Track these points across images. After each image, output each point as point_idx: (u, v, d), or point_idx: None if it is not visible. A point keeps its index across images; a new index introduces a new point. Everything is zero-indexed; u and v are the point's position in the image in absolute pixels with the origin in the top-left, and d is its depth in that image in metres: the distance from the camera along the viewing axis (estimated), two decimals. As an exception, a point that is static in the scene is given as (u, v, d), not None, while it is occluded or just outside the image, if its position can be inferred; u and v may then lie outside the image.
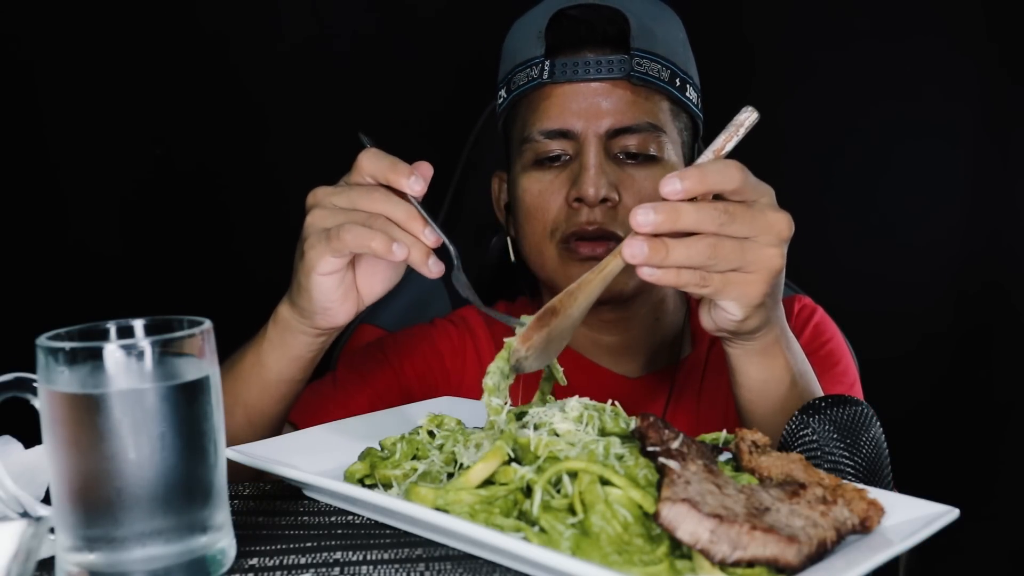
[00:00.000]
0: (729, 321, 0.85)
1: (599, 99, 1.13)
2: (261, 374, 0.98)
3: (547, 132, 1.15)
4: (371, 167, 0.87)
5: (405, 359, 1.24)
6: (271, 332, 0.97)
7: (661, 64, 1.14)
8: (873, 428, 0.81)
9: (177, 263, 1.80)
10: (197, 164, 1.80)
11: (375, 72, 1.78)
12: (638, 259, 0.77)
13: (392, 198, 0.86)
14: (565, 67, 1.14)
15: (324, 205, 0.89)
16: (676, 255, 0.77)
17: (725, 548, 0.59)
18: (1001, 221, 1.75)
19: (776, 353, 0.91)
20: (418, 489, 0.71)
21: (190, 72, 1.77)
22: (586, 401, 0.79)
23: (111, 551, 0.61)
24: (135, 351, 0.62)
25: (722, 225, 0.77)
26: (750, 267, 0.80)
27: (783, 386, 0.92)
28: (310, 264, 0.89)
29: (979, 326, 1.77)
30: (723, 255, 0.78)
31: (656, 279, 0.78)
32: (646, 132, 1.13)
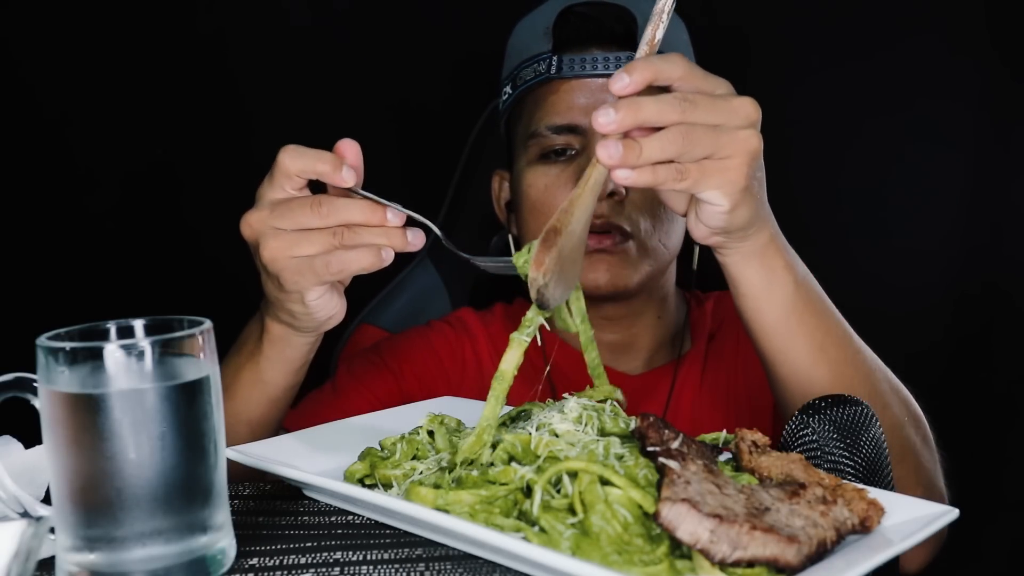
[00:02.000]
0: (718, 215, 0.81)
1: (606, 94, 1.13)
2: (264, 391, 0.97)
3: (554, 127, 1.15)
4: (296, 166, 0.83)
5: (404, 363, 1.24)
6: (268, 351, 0.95)
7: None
8: (873, 428, 0.81)
9: (177, 263, 1.80)
10: (197, 164, 1.80)
11: (375, 72, 1.78)
12: (614, 159, 0.73)
13: (336, 202, 0.82)
14: (573, 63, 1.14)
15: (272, 233, 0.83)
16: (649, 151, 0.74)
17: (725, 548, 0.59)
18: (1002, 222, 1.75)
19: (773, 254, 0.88)
20: (418, 489, 0.71)
21: (190, 73, 1.77)
22: (585, 401, 0.79)
23: (111, 551, 0.61)
24: (135, 351, 0.62)
25: (685, 112, 0.75)
26: (725, 150, 0.77)
27: (787, 289, 0.88)
28: (297, 295, 0.86)
29: (980, 327, 1.76)
30: (695, 141, 0.75)
31: (633, 180, 0.75)
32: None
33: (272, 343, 0.94)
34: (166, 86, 1.77)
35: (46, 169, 1.79)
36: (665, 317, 1.27)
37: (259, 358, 0.95)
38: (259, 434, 0.98)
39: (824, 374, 0.91)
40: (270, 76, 1.78)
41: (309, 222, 0.82)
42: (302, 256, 0.83)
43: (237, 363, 0.98)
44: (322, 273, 0.83)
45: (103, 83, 1.76)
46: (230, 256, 1.83)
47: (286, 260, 0.83)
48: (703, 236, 0.86)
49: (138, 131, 1.78)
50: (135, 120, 1.78)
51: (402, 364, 1.24)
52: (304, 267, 0.83)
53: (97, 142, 1.78)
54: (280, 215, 0.83)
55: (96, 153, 1.78)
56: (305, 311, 0.88)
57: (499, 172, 1.33)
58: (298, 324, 0.91)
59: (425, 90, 1.79)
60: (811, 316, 0.90)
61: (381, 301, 1.48)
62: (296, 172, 0.83)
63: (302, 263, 0.83)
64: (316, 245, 0.82)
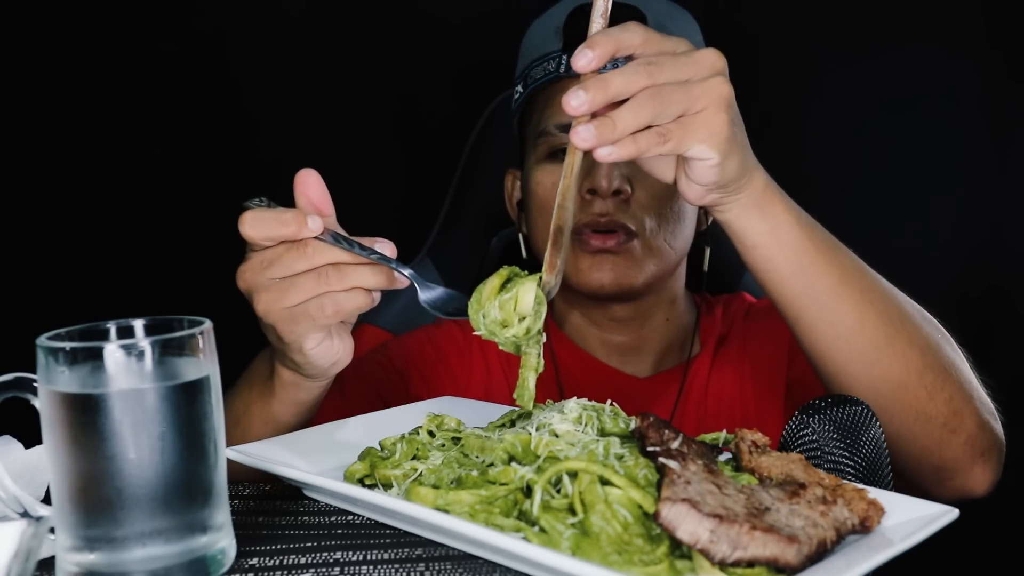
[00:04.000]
0: (709, 169, 0.80)
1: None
2: (276, 428, 0.95)
3: (562, 125, 1.15)
4: (259, 235, 0.81)
5: (411, 364, 1.24)
6: (280, 393, 0.93)
7: None
8: (873, 428, 0.81)
9: (177, 263, 1.80)
10: (197, 164, 1.80)
11: (376, 71, 1.78)
12: (589, 142, 0.73)
13: (321, 247, 0.81)
14: None
15: (263, 286, 0.82)
16: (623, 121, 0.73)
17: (725, 548, 0.59)
18: (1002, 223, 1.75)
19: (772, 199, 0.86)
20: (418, 489, 0.71)
21: (191, 73, 1.77)
22: (584, 402, 0.79)
23: (111, 551, 0.61)
24: (135, 351, 0.62)
25: (652, 75, 0.74)
26: (699, 103, 0.76)
27: (793, 231, 0.87)
28: (297, 344, 0.84)
29: (981, 328, 1.76)
30: (667, 99, 0.74)
31: (616, 156, 0.74)
32: None
33: (283, 387, 0.93)
34: (167, 87, 1.77)
35: (46, 170, 1.80)
36: (673, 319, 1.27)
37: (270, 399, 0.95)
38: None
39: (850, 310, 0.89)
40: (271, 76, 1.78)
41: (297, 265, 0.81)
42: (293, 305, 0.82)
43: (247, 398, 0.98)
44: (318, 318, 0.82)
45: (103, 83, 1.76)
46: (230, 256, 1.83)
47: (279, 312, 0.82)
48: (698, 196, 0.84)
49: (138, 131, 1.78)
50: (135, 120, 1.78)
51: (408, 365, 1.23)
52: (298, 316, 0.82)
53: (97, 142, 1.78)
54: (268, 264, 0.82)
55: (96, 153, 1.78)
56: (306, 360, 0.86)
57: (512, 171, 1.33)
58: (304, 372, 0.90)
59: (426, 89, 1.79)
60: (822, 253, 0.88)
61: (382, 302, 1.48)
62: (261, 240, 0.82)
63: (295, 312, 0.82)
64: (305, 292, 0.81)
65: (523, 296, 0.79)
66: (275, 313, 0.83)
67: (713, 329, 1.28)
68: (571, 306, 1.27)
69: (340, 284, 0.81)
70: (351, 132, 1.78)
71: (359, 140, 1.77)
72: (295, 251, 0.81)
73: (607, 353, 1.26)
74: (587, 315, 1.26)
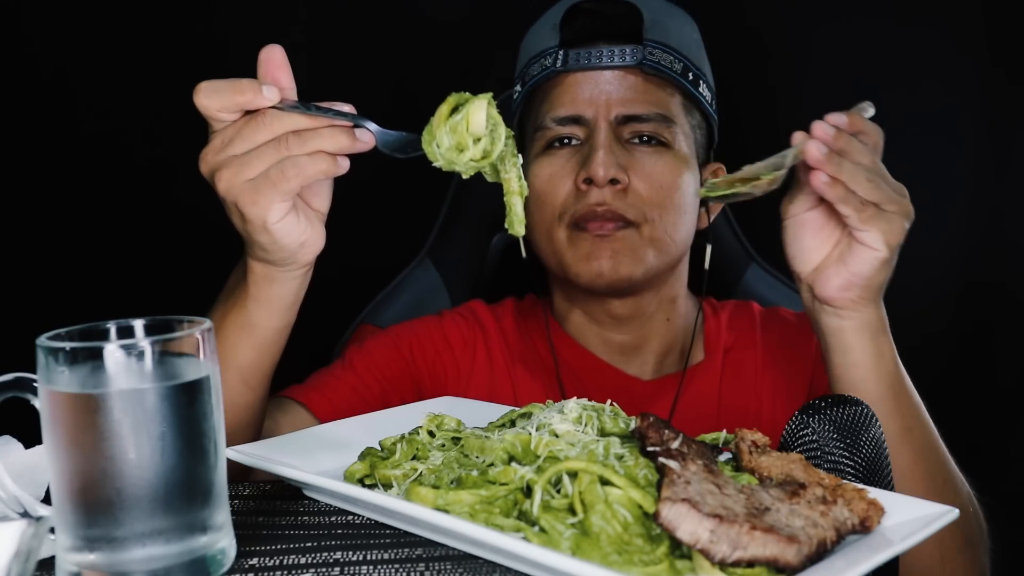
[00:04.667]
0: (872, 260, 0.88)
1: (611, 86, 1.15)
2: (253, 334, 0.93)
3: (559, 119, 1.16)
4: (215, 105, 0.81)
5: (416, 348, 1.23)
6: (254, 291, 0.91)
7: (674, 56, 1.15)
8: (873, 428, 0.81)
9: (177, 263, 1.80)
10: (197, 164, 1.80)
11: (375, 72, 1.78)
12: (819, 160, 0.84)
13: (280, 114, 0.80)
14: (579, 56, 1.15)
15: (226, 163, 0.81)
16: (847, 168, 0.84)
17: (725, 548, 0.59)
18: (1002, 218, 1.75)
19: (883, 331, 0.94)
20: (418, 489, 0.71)
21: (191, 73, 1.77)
22: (584, 402, 0.79)
23: (111, 551, 0.61)
24: (135, 351, 0.62)
25: (874, 162, 0.87)
26: (892, 206, 0.87)
27: (891, 367, 0.94)
28: (260, 219, 0.83)
29: (980, 324, 1.76)
30: (877, 185, 0.85)
31: (825, 191, 0.85)
32: (656, 121, 1.14)
33: (256, 282, 0.91)
34: (166, 86, 1.77)
35: (46, 169, 1.79)
36: (675, 320, 1.26)
37: (246, 300, 0.92)
38: (251, 382, 0.95)
39: (908, 456, 0.93)
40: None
41: (257, 136, 0.80)
42: (254, 176, 0.81)
43: (224, 309, 0.95)
44: (279, 183, 0.80)
45: (103, 83, 1.76)
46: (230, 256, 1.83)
47: (240, 186, 0.81)
48: (838, 287, 0.90)
49: (138, 130, 1.78)
50: (136, 120, 1.78)
51: (413, 349, 1.23)
52: (260, 185, 0.81)
53: (97, 141, 1.78)
54: (228, 141, 0.81)
55: (96, 152, 1.78)
56: (271, 239, 0.85)
57: None
58: (273, 257, 0.88)
59: (426, 89, 1.79)
60: (904, 397, 0.94)
61: (381, 301, 1.48)
62: (217, 110, 0.81)
63: (257, 183, 0.81)
64: (265, 160, 0.80)
65: (474, 115, 0.79)
66: (236, 188, 0.81)
67: (719, 337, 1.26)
68: (572, 303, 1.27)
69: (301, 148, 0.80)
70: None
71: (359, 140, 1.77)
72: (253, 122, 0.80)
73: (608, 352, 1.25)
74: (588, 312, 1.25)
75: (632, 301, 1.22)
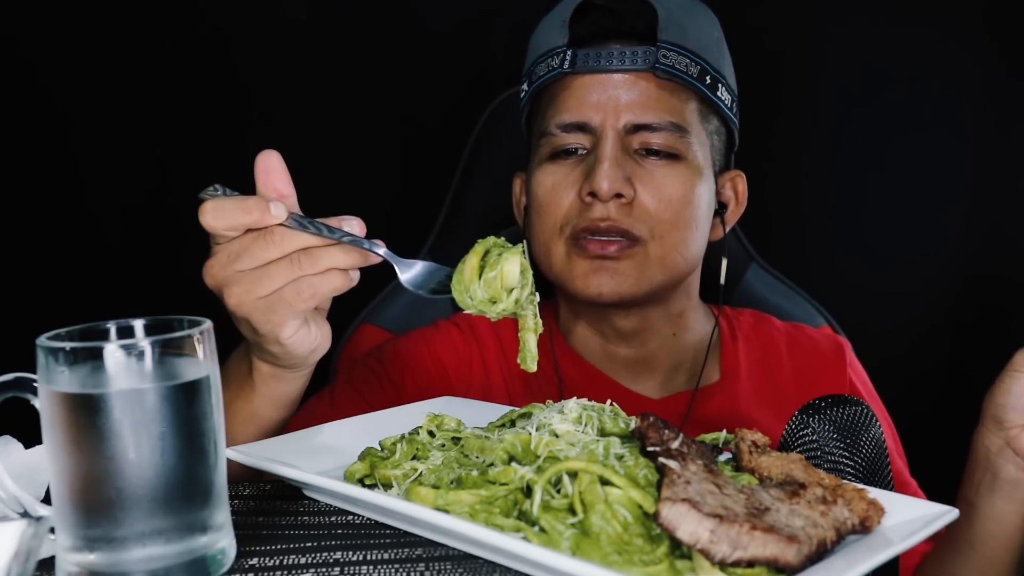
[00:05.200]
0: None
1: (620, 92, 1.08)
2: (259, 424, 0.94)
3: (564, 125, 1.10)
4: (222, 225, 0.78)
5: (406, 372, 1.18)
6: (261, 388, 0.91)
7: (690, 59, 1.08)
8: (873, 428, 0.81)
9: (177, 263, 1.80)
10: (197, 164, 1.80)
11: (375, 72, 1.78)
12: None
13: (289, 233, 0.79)
14: (587, 57, 1.09)
15: (235, 279, 0.80)
16: None
17: (725, 548, 0.59)
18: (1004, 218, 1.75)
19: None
20: (418, 489, 0.71)
21: (190, 73, 1.77)
22: (584, 402, 0.79)
23: (111, 551, 0.61)
24: (135, 351, 0.62)
25: None
26: None
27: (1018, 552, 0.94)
28: (273, 335, 0.82)
29: (981, 325, 1.76)
30: None
31: None
32: (668, 131, 1.08)
33: (264, 381, 0.91)
34: (166, 86, 1.77)
35: (46, 169, 1.79)
36: (683, 335, 1.20)
37: (251, 395, 0.92)
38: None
39: None
40: (271, 76, 1.78)
41: (267, 254, 0.79)
42: (267, 294, 0.80)
43: (227, 398, 0.93)
44: (295, 303, 0.80)
45: (103, 83, 1.76)
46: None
47: (252, 303, 0.80)
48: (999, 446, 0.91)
49: (138, 131, 1.78)
50: (135, 120, 1.78)
51: (404, 374, 1.18)
52: (274, 304, 0.80)
53: (97, 142, 1.78)
54: (235, 257, 0.79)
55: (96, 153, 1.78)
56: (283, 350, 0.84)
57: (519, 174, 1.26)
58: (283, 363, 0.88)
59: (426, 89, 1.79)
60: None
61: (381, 301, 1.48)
62: (224, 230, 0.79)
63: (270, 301, 0.80)
64: (277, 279, 0.79)
65: (508, 271, 0.79)
66: (248, 305, 0.80)
67: (737, 357, 1.20)
68: (576, 316, 1.22)
69: (313, 267, 0.79)
70: (351, 132, 1.78)
71: (359, 140, 1.77)
72: (262, 240, 0.78)
73: (614, 368, 1.20)
74: (592, 326, 1.20)
75: (638, 315, 1.16)
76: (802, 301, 1.45)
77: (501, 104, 1.50)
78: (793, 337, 1.23)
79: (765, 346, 1.22)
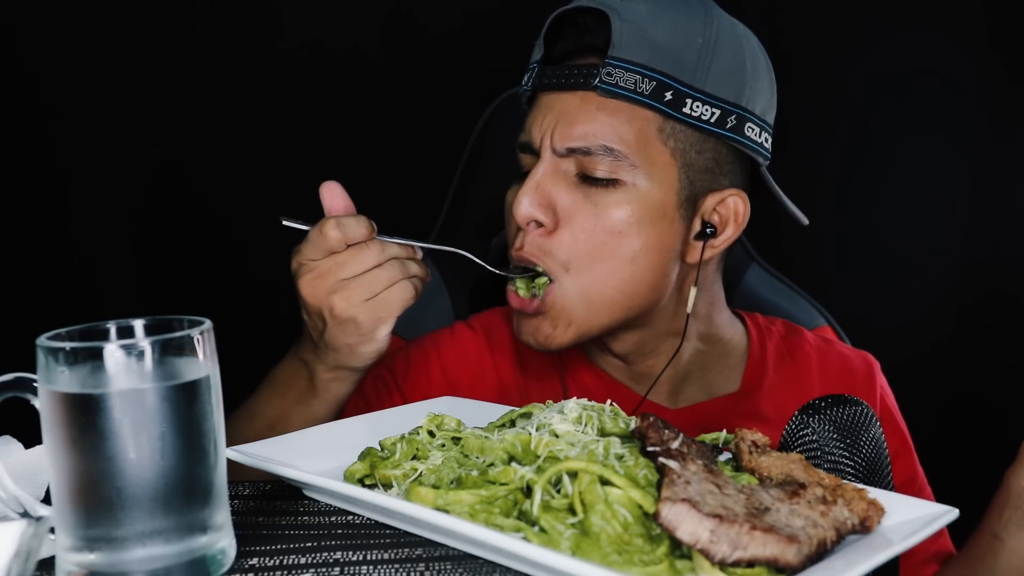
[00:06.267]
0: None
1: (562, 112, 1.02)
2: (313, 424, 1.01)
3: (520, 144, 1.07)
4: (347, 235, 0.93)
5: (416, 388, 1.16)
6: (323, 394, 1.02)
7: (642, 74, 0.98)
8: (873, 428, 0.81)
9: (177, 263, 1.80)
10: (196, 164, 1.80)
11: (375, 72, 1.78)
12: None
13: (386, 244, 0.94)
14: (545, 75, 1.04)
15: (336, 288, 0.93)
16: None
17: (725, 548, 0.59)
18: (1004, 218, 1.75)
19: None
20: (418, 489, 0.71)
21: (190, 72, 1.77)
22: (584, 402, 0.79)
23: (111, 551, 0.61)
24: (135, 351, 0.62)
25: None
26: None
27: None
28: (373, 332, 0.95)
29: (982, 329, 1.77)
30: None
31: None
32: (601, 155, 1.00)
33: (326, 386, 1.02)
34: (166, 86, 1.77)
35: (46, 170, 1.79)
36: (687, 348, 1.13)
37: (312, 400, 1.03)
38: None
39: None
40: (270, 76, 1.78)
41: (370, 261, 0.93)
42: (374, 296, 0.93)
43: (281, 406, 1.04)
44: (395, 303, 0.94)
45: (103, 83, 1.76)
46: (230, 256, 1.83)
47: (360, 305, 0.93)
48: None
49: (137, 131, 1.78)
50: (134, 120, 1.78)
51: (414, 390, 1.16)
52: (381, 304, 0.94)
53: (96, 142, 1.78)
54: (341, 267, 0.93)
55: (96, 153, 1.78)
56: (375, 347, 0.97)
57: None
58: (359, 364, 1.00)
59: (426, 90, 1.79)
60: None
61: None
62: (343, 240, 0.93)
63: (376, 303, 0.93)
64: (383, 281, 0.93)
65: None
66: (356, 307, 0.93)
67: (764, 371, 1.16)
68: None
69: (407, 273, 0.95)
70: (351, 132, 1.78)
71: (359, 140, 1.77)
72: (365, 250, 0.93)
73: (624, 377, 1.16)
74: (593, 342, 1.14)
75: (627, 338, 1.11)
76: (802, 301, 1.45)
77: (501, 104, 1.50)
78: (824, 353, 1.19)
79: (797, 360, 1.18)
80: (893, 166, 1.75)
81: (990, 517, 0.92)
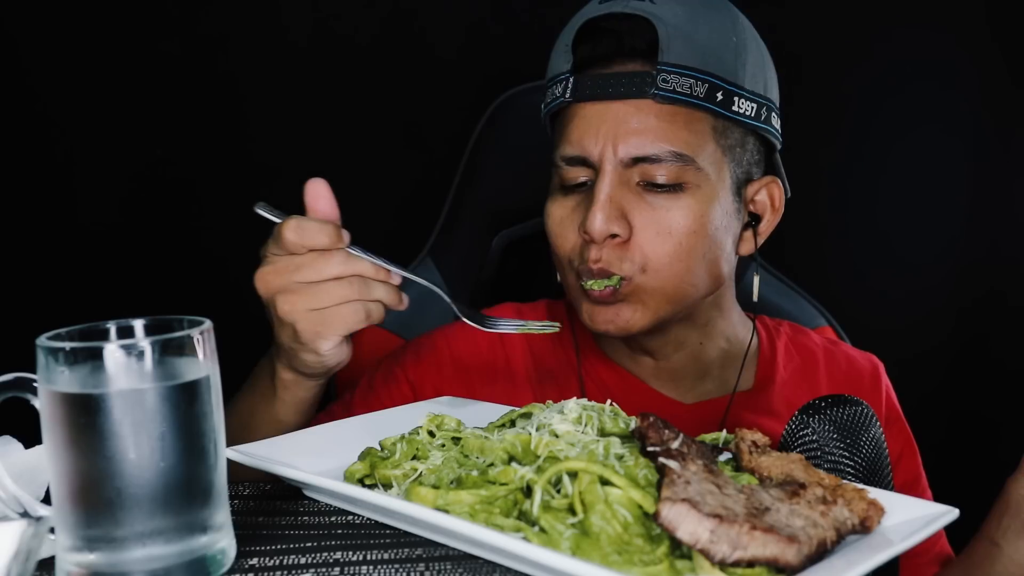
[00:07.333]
0: None
1: (619, 122, 1.02)
2: (280, 429, 0.99)
3: (567, 158, 1.05)
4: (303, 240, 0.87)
5: (427, 381, 1.16)
6: (282, 394, 0.99)
7: (696, 78, 1.00)
8: (873, 428, 0.81)
9: (177, 263, 1.80)
10: (196, 164, 1.80)
11: (375, 72, 1.78)
12: None
13: (352, 257, 0.88)
14: (586, 84, 1.03)
15: (293, 288, 0.88)
16: None
17: (725, 548, 0.59)
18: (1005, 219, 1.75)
19: None
20: (418, 489, 0.71)
21: (190, 73, 1.77)
22: (584, 402, 0.79)
23: (111, 551, 0.61)
24: (135, 351, 0.62)
25: None
26: None
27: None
28: (314, 345, 0.90)
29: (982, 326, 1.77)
30: None
31: None
32: (670, 162, 1.01)
33: (285, 388, 0.98)
34: (166, 87, 1.77)
35: (46, 169, 1.80)
36: (709, 344, 1.16)
37: (272, 401, 0.99)
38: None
39: None
40: (270, 76, 1.78)
41: (329, 271, 0.87)
42: (322, 308, 0.87)
43: (251, 403, 1.02)
44: (349, 322, 0.88)
45: (102, 83, 1.76)
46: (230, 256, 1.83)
47: (304, 312, 0.88)
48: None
49: (137, 131, 1.78)
50: (134, 120, 1.78)
51: (425, 384, 1.16)
52: (328, 318, 0.88)
53: (96, 142, 1.78)
54: (296, 268, 0.87)
55: (95, 153, 1.78)
56: (317, 360, 0.92)
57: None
58: (308, 371, 0.95)
59: (426, 89, 1.79)
60: None
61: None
62: (297, 246, 0.87)
63: (322, 315, 0.88)
64: (334, 296, 0.87)
65: None
66: (299, 314, 0.88)
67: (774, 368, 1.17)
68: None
69: (367, 295, 0.88)
70: (352, 131, 1.78)
71: (359, 140, 1.77)
72: (327, 258, 0.87)
73: (643, 374, 1.17)
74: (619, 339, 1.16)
75: (668, 331, 1.12)
76: (802, 301, 1.45)
77: (501, 105, 1.50)
78: (831, 353, 1.21)
79: (804, 358, 1.20)
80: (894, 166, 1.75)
81: (989, 523, 0.92)
